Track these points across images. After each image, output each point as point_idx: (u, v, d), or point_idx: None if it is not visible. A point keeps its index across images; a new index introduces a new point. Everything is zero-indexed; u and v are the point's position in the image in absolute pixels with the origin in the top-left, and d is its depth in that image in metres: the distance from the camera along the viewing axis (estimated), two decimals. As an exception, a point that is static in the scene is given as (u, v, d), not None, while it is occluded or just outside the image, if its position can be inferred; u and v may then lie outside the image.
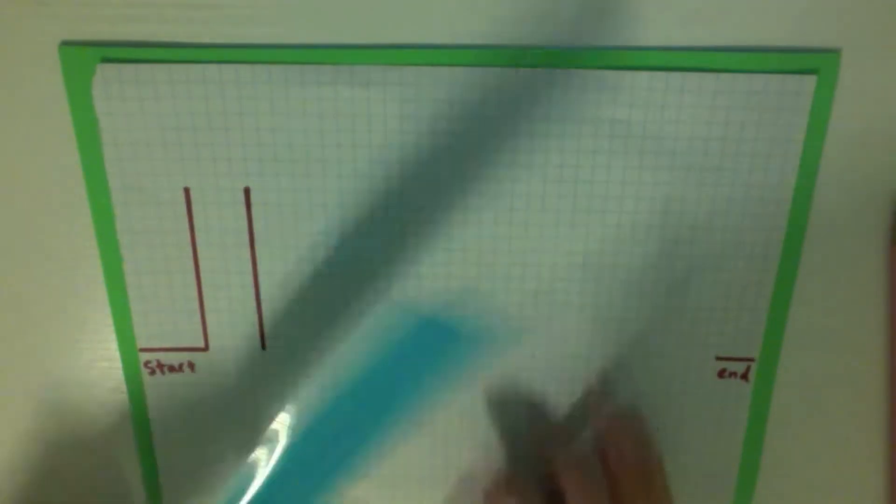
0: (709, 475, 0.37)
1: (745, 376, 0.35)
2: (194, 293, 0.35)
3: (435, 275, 0.34)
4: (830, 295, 0.34)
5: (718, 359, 0.35)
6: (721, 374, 0.35)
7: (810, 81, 0.31)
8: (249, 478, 0.33)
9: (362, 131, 0.32)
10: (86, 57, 0.31)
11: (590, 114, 0.31)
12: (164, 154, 0.32)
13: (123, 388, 0.37)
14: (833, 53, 0.31)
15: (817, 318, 0.35)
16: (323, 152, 0.32)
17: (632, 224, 0.33)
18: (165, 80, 0.31)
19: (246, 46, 0.31)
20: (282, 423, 0.35)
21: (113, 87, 0.31)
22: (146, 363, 0.36)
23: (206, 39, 0.31)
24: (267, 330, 0.35)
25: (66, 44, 0.31)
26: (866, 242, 0.34)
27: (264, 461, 0.34)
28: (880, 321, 0.35)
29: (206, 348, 0.36)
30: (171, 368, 0.36)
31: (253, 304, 0.35)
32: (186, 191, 0.33)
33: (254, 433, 0.37)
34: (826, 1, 0.30)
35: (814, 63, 0.31)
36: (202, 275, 0.35)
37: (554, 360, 0.35)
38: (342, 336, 0.35)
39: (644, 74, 0.31)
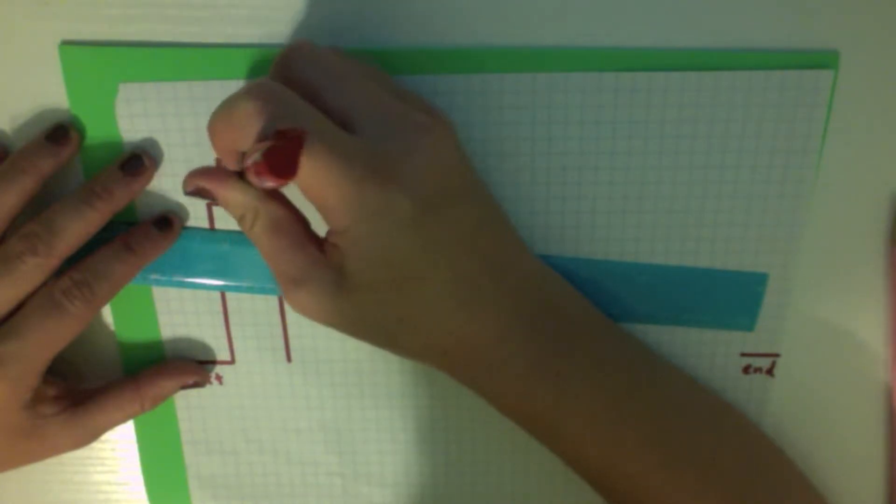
0: None
1: (770, 371, 0.35)
2: (220, 307, 0.35)
3: None
4: (830, 295, 0.34)
5: (743, 355, 0.35)
6: (746, 369, 0.35)
7: (826, 77, 0.31)
8: None
9: None
10: (86, 57, 0.31)
11: (608, 116, 0.31)
12: (187, 169, 0.32)
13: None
14: (833, 53, 0.31)
15: (817, 317, 0.35)
16: None
17: (652, 224, 0.33)
18: (186, 96, 0.31)
19: (246, 46, 0.31)
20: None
21: (136, 105, 0.32)
22: None
23: (206, 39, 0.31)
24: (292, 343, 0.36)
25: (66, 44, 0.31)
26: (866, 242, 0.34)
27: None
28: (880, 321, 0.35)
29: (232, 362, 0.36)
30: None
31: (278, 317, 0.35)
32: (209, 205, 0.33)
33: (280, 443, 0.38)
34: (826, 1, 0.30)
35: (814, 63, 0.31)
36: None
37: None
38: (366, 348, 0.35)
39: (661, 74, 0.31)
